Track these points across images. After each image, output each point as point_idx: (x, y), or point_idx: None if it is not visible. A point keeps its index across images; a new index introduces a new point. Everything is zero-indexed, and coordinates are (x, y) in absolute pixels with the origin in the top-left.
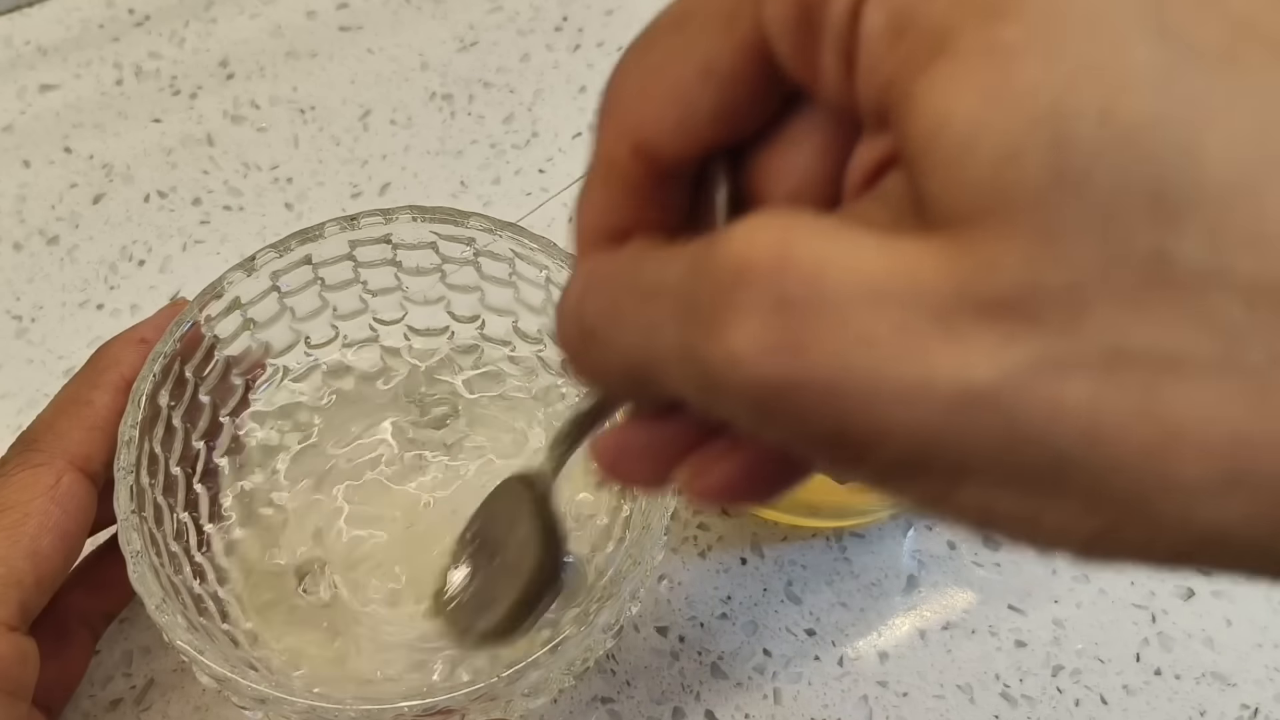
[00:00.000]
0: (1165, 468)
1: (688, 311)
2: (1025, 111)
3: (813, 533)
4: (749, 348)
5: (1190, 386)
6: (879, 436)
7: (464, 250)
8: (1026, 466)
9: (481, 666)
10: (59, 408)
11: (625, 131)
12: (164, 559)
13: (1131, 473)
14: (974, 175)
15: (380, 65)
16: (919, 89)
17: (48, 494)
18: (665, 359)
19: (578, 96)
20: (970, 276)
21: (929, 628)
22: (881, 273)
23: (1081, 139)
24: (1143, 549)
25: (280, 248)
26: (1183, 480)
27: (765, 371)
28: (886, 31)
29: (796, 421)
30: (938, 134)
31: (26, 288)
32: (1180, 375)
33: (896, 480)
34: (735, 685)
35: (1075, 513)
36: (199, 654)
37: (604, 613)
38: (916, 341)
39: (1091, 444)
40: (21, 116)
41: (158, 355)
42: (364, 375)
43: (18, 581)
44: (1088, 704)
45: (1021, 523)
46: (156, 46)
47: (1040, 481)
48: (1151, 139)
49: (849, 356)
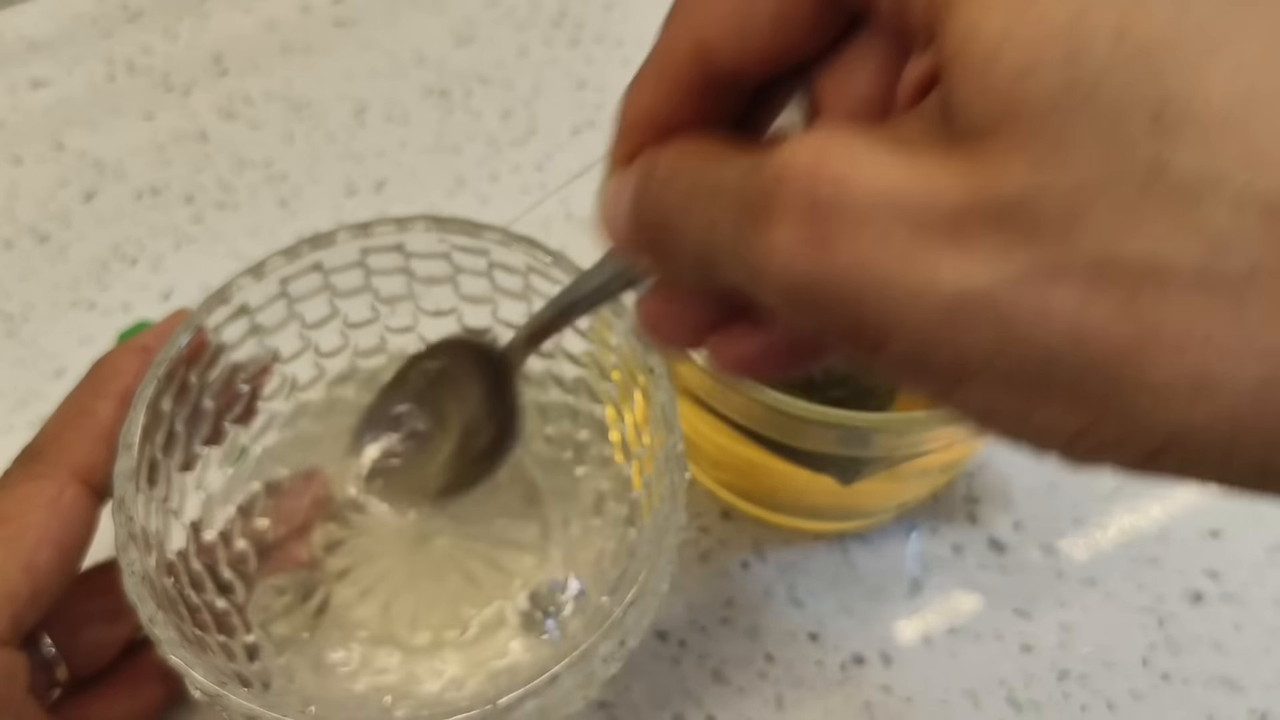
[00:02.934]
0: (1139, 368)
1: (741, 209)
2: (1045, 27)
3: (815, 536)
4: (783, 243)
5: (1170, 293)
6: (889, 331)
7: (478, 261)
8: (1017, 367)
9: (480, 689)
10: (62, 419)
11: (689, 31)
12: (161, 568)
13: (1109, 371)
14: (995, 85)
15: (376, 61)
16: (955, 3)
17: (48, 506)
18: (723, 250)
19: (576, 92)
20: (981, 186)
21: (933, 632)
22: (903, 182)
23: (1094, 54)
24: (1117, 446)
25: (290, 253)
26: (1154, 380)
27: (795, 265)
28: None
29: (822, 312)
30: (966, 46)
31: (17, 286)
32: (1163, 282)
33: (906, 374)
34: (737, 690)
35: (1059, 411)
36: (190, 668)
37: (607, 642)
38: (927, 247)
39: (1074, 345)
40: (12, 113)
41: (161, 360)
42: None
43: (13, 595)
44: (1095, 709)
45: (1014, 419)
46: (149, 42)
47: (1029, 382)
48: (1161, 58)
49: (866, 256)
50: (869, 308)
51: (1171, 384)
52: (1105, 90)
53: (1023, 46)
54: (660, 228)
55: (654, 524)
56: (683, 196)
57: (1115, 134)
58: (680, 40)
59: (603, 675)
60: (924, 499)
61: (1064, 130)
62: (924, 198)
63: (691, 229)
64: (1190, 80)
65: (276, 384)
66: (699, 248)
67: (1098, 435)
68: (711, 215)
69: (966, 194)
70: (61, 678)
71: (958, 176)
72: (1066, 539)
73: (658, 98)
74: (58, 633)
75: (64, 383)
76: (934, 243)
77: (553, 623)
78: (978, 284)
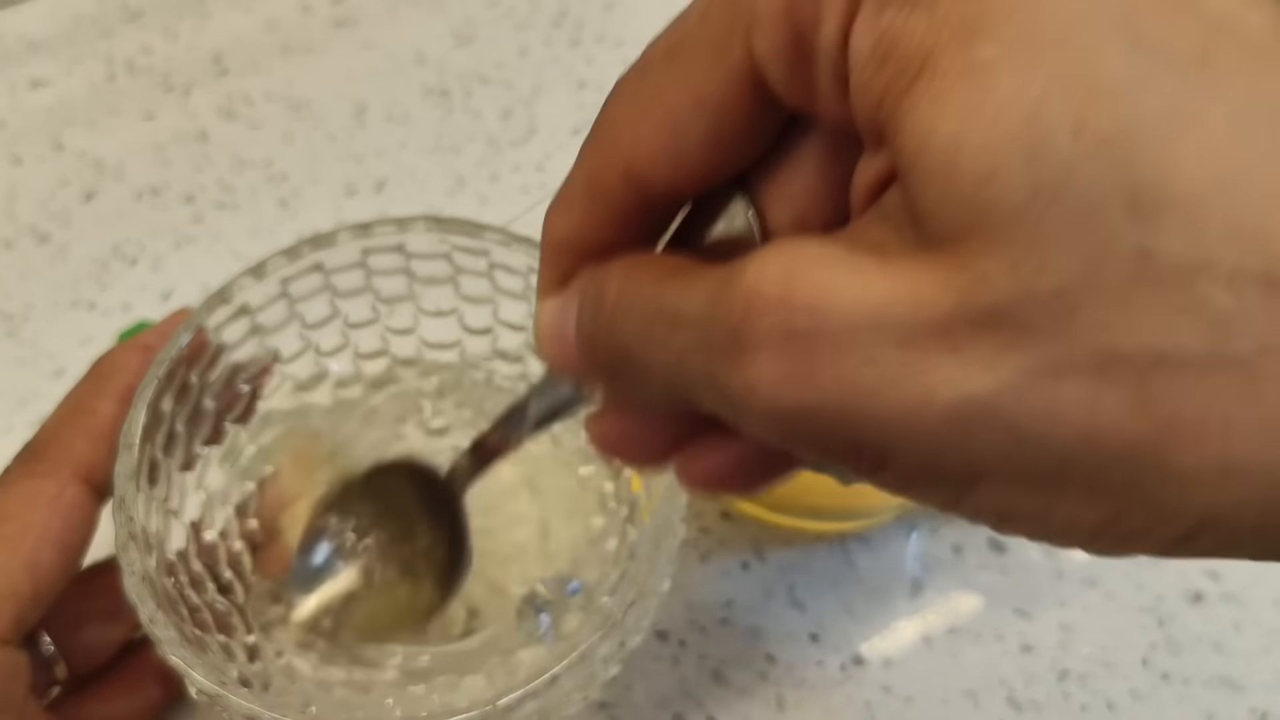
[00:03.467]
0: (1160, 458)
1: (709, 342)
2: (1001, 128)
3: (816, 536)
4: (763, 378)
5: (1182, 379)
6: (890, 450)
7: (479, 262)
8: (1032, 467)
9: (478, 691)
10: (63, 417)
11: (616, 158)
12: (161, 568)
13: (1129, 465)
14: (959, 193)
15: (376, 61)
16: (904, 108)
17: (49, 505)
18: (697, 383)
19: (576, 92)
20: (965, 291)
21: (934, 632)
22: (882, 296)
23: (1056, 152)
24: (1146, 535)
25: (291, 254)
26: (1179, 470)
27: (780, 399)
28: (873, 54)
29: (816, 440)
30: (923, 152)
31: (17, 286)
32: (1171, 369)
33: (915, 487)
34: (737, 691)
35: (1081, 505)
36: (190, 668)
37: (606, 643)
38: (917, 359)
39: (1090, 442)
40: (12, 113)
41: (162, 360)
42: (372, 385)
43: (15, 594)
44: (1095, 709)
45: (1034, 518)
46: (149, 42)
47: (1047, 480)
48: (1126, 147)
49: (855, 380)
50: (866, 430)
51: (1197, 471)
52: (1074, 187)
53: (981, 152)
54: (621, 358)
55: (654, 524)
56: (641, 325)
57: (1092, 228)
58: (607, 167)
59: (603, 676)
60: None
61: (1038, 232)
62: (907, 310)
63: (656, 360)
64: (1160, 167)
65: (276, 384)
66: (668, 378)
67: (1124, 526)
68: (677, 348)
69: (951, 300)
70: (60, 676)
71: (939, 283)
72: None
73: (586, 220)
74: (56, 631)
75: (64, 382)
76: (925, 354)
77: (552, 622)
78: (979, 389)
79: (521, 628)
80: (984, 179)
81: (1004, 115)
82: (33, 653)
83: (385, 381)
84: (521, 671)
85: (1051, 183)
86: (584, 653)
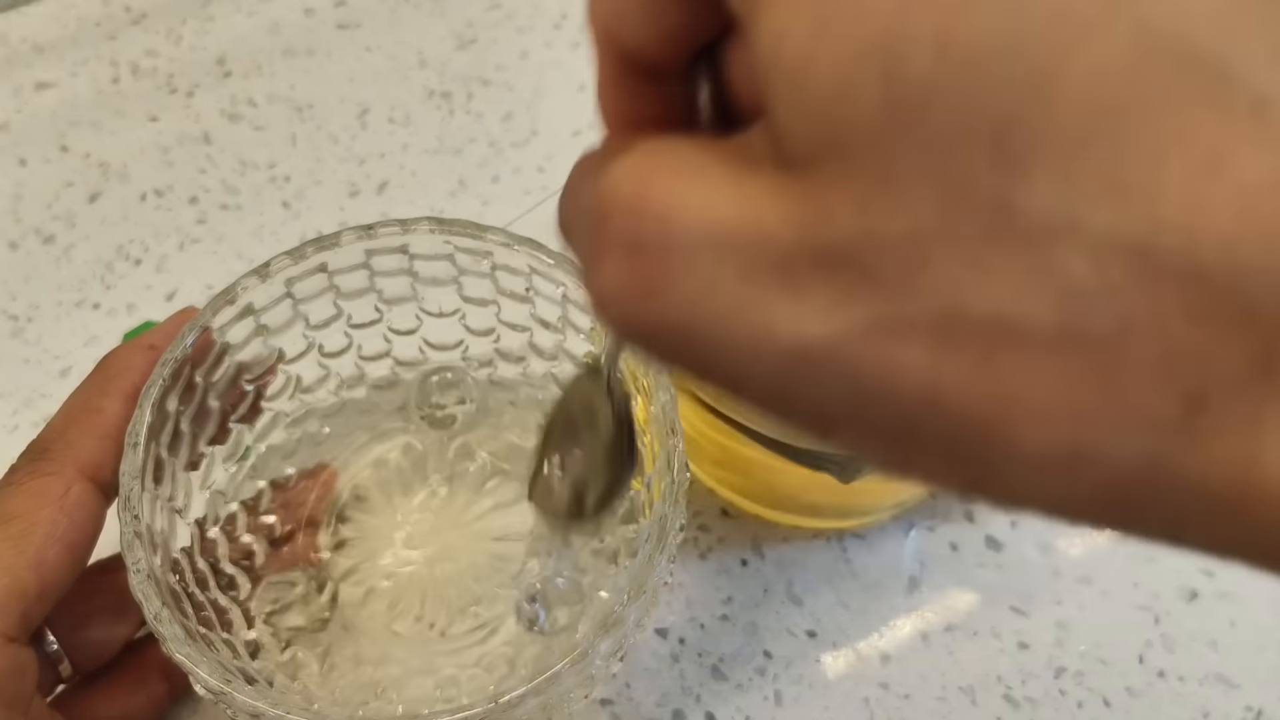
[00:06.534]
0: (1007, 439)
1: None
2: (855, 39)
3: (814, 534)
4: (608, 288)
5: (1027, 356)
6: (741, 381)
7: (481, 263)
8: (882, 421)
9: (481, 685)
10: (69, 416)
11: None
12: (166, 566)
13: (976, 438)
14: (811, 108)
15: (378, 63)
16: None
17: (56, 504)
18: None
19: (578, 94)
20: (809, 224)
21: (931, 629)
22: (729, 217)
23: (914, 71)
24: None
25: (295, 254)
26: (1024, 453)
27: (624, 312)
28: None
29: (669, 359)
30: (775, 60)
31: (22, 287)
32: (1017, 344)
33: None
34: (736, 687)
35: (942, 465)
36: (195, 665)
37: (606, 640)
38: (758, 292)
39: (933, 409)
40: (18, 115)
41: (167, 360)
42: (375, 385)
43: (22, 592)
44: (1091, 706)
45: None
46: (153, 44)
47: (900, 435)
48: (996, 68)
49: (696, 304)
50: (714, 358)
51: (1044, 458)
52: (932, 117)
53: (834, 63)
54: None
55: (654, 522)
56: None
57: (949, 168)
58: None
59: (603, 673)
60: (922, 497)
61: (890, 166)
62: (750, 239)
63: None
64: (1034, 94)
65: (281, 384)
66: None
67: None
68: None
69: (794, 230)
70: (65, 674)
71: (782, 212)
72: (1063, 537)
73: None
74: (61, 629)
75: (69, 382)
76: (765, 287)
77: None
78: (816, 336)
79: (528, 626)
80: (835, 96)
81: (859, 22)
82: (37, 650)
83: (388, 382)
84: (523, 668)
85: (907, 109)
86: (585, 649)
